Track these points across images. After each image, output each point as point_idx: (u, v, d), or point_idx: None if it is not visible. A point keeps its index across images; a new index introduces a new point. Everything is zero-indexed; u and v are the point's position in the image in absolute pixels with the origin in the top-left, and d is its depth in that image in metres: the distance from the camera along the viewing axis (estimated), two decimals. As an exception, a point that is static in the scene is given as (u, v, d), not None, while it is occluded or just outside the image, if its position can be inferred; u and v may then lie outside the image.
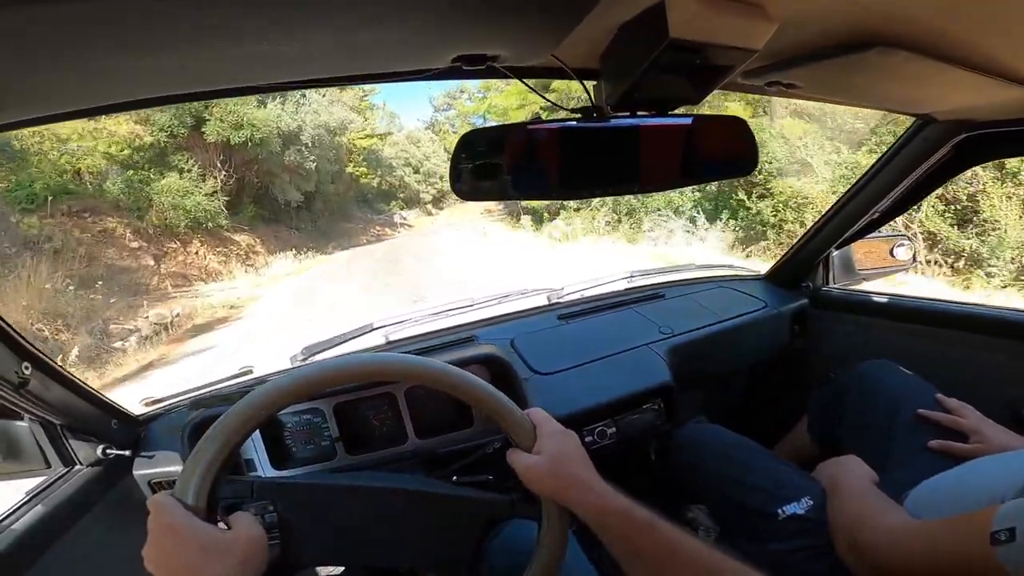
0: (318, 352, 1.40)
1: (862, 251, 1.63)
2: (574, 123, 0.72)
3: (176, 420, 1.14)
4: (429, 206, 38.19)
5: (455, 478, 1.12)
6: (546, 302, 1.68)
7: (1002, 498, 0.81)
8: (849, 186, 1.45)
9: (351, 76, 0.67)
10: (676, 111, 0.75)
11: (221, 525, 0.63)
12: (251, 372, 1.37)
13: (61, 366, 0.91)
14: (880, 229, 1.57)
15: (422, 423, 1.18)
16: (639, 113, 0.73)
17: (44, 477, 0.98)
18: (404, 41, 0.61)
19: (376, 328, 1.48)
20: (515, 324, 1.55)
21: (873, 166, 1.35)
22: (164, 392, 1.26)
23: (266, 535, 0.64)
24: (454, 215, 32.12)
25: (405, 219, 34.45)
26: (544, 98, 0.86)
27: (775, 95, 0.86)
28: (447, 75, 0.69)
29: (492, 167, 0.72)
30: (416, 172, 37.38)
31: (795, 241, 1.69)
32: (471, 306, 1.60)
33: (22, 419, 0.92)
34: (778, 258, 1.79)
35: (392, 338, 1.46)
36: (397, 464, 1.14)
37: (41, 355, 0.85)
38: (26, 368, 0.81)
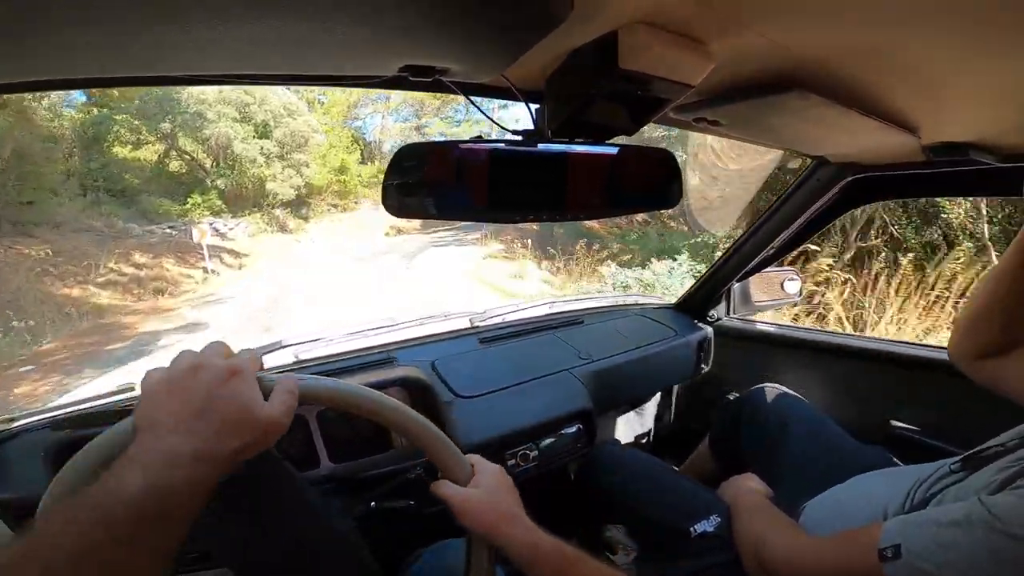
0: None
1: (758, 284, 1.79)
2: (506, 145, 0.72)
3: (31, 440, 1.00)
4: (287, 212, 18.30)
5: (373, 504, 1.08)
6: (468, 325, 1.66)
7: (885, 513, 0.90)
8: (751, 222, 1.59)
9: (293, 76, 0.64)
10: (610, 140, 0.78)
11: None
12: (133, 388, 1.21)
13: None
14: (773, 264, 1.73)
15: (335, 447, 1.13)
16: (576, 140, 0.75)
17: None
18: (350, 44, 0.59)
19: (285, 346, 1.40)
20: (436, 346, 1.53)
21: (773, 203, 1.49)
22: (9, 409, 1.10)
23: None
24: (354, 229, 18.79)
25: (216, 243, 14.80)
26: (488, 117, 0.87)
27: (700, 131, 0.93)
28: (392, 84, 0.68)
29: (422, 184, 0.70)
30: (261, 136, 17.42)
31: (703, 273, 1.82)
32: (391, 326, 1.55)
33: None
34: (687, 288, 1.91)
35: (303, 357, 1.38)
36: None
37: None
38: None
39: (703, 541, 1.04)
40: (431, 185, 0.71)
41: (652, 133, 7.50)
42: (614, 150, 0.79)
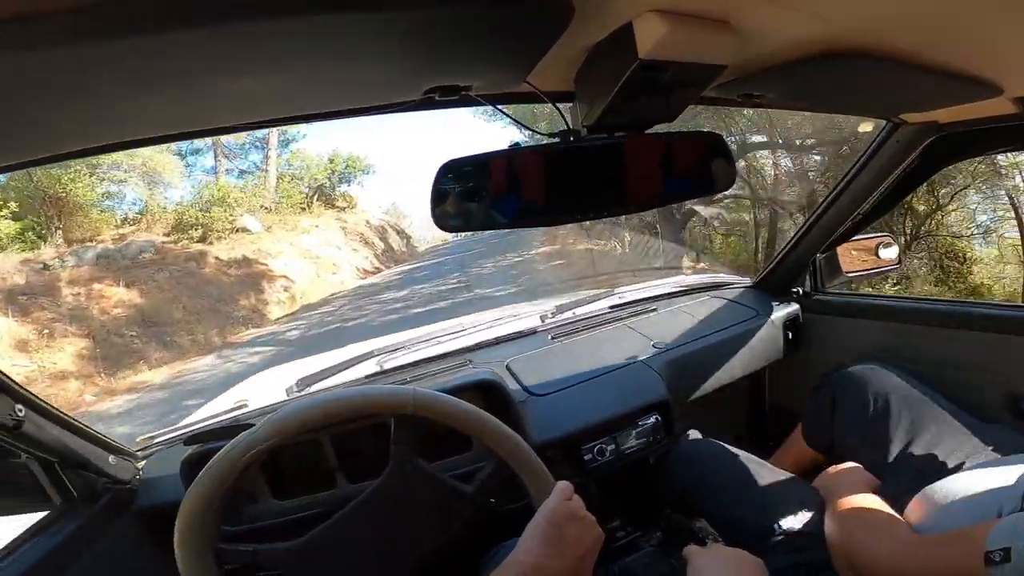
0: (313, 383, 1.40)
1: (848, 254, 1.65)
2: (555, 146, 0.72)
3: (174, 455, 1.14)
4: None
5: None
6: (539, 323, 1.67)
7: (1000, 510, 0.81)
8: (828, 190, 1.48)
9: (325, 113, 0.67)
10: (652, 130, 0.76)
11: None
12: (246, 405, 1.36)
13: (55, 407, 0.93)
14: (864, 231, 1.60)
15: (422, 448, 1.17)
16: (617, 134, 0.74)
17: (47, 512, 1.00)
18: (376, 75, 0.61)
19: (372, 356, 1.49)
20: (509, 346, 1.55)
21: (849, 170, 1.37)
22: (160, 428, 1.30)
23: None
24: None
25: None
26: (521, 124, 0.87)
27: (747, 107, 0.88)
28: (421, 107, 0.70)
29: (476, 196, 0.72)
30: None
31: (781, 247, 1.71)
32: (463, 331, 1.60)
33: (20, 457, 0.93)
34: (765, 265, 1.81)
35: (387, 366, 1.46)
36: None
37: (34, 397, 0.87)
38: (19, 410, 0.83)
39: (790, 539, 0.99)
40: (483, 196, 0.72)
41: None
42: (664, 138, 0.78)
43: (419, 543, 0.84)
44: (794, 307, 1.71)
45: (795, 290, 1.74)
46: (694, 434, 1.40)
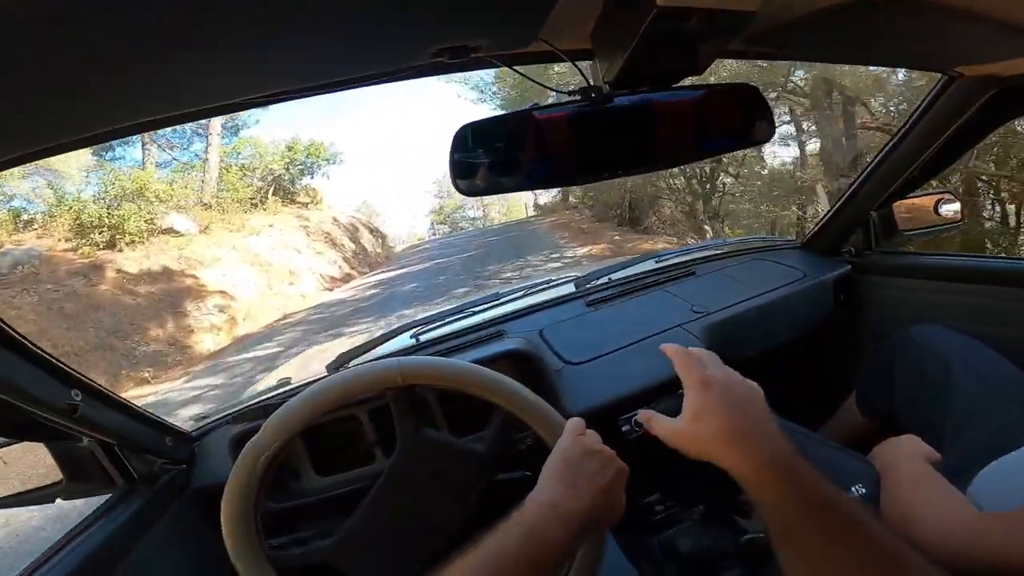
0: (353, 358, 1.42)
1: (905, 211, 1.54)
2: (576, 104, 0.69)
3: (225, 435, 1.19)
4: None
5: (498, 477, 1.11)
6: (573, 289, 1.65)
7: None
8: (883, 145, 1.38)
9: (330, 83, 0.66)
10: (682, 83, 0.72)
11: None
12: (289, 383, 1.42)
13: (110, 390, 0.96)
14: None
15: (454, 423, 1.18)
16: (641, 89, 0.70)
17: (108, 495, 1.06)
18: (379, 39, 0.59)
19: (408, 329, 1.51)
20: (543, 315, 1.53)
21: (904, 124, 1.27)
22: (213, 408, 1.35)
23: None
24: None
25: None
26: (539, 83, 0.83)
27: (783, 59, 0.82)
28: (431, 71, 0.67)
29: (496, 159, 0.70)
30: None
31: (831, 205, 1.61)
32: (497, 301, 1.59)
33: (81, 440, 0.97)
34: (814, 225, 1.71)
35: (423, 339, 1.47)
36: None
37: (89, 381, 0.89)
38: (76, 395, 0.86)
39: None
40: (503, 159, 0.71)
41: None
42: (696, 91, 0.74)
43: (446, 516, 0.85)
44: (845, 268, 1.62)
45: (846, 249, 1.65)
46: None
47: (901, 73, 6.73)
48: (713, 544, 1.04)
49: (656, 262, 1.74)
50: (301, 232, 15.22)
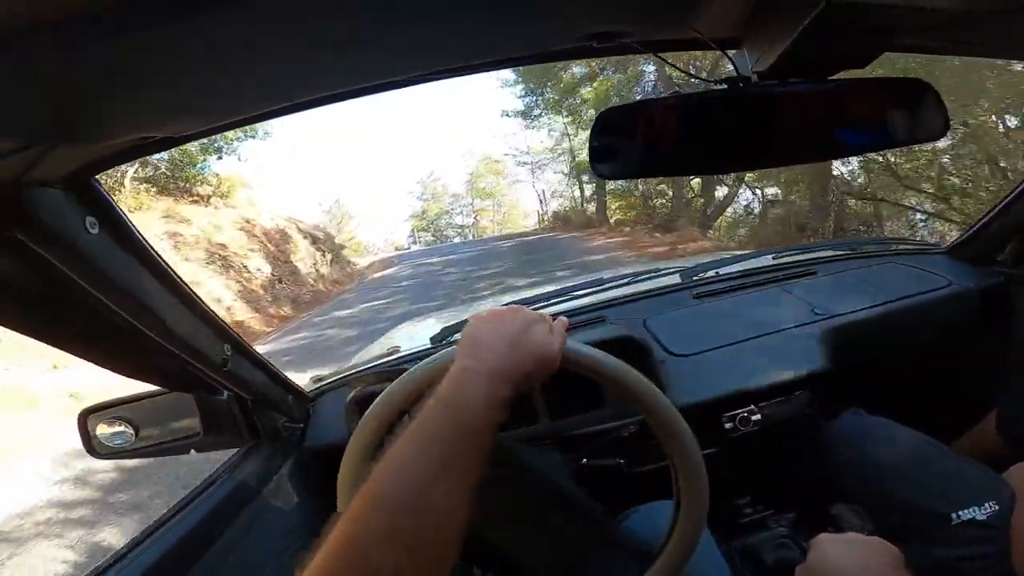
0: (456, 332, 1.47)
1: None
2: (722, 93, 0.69)
3: (339, 396, 1.27)
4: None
5: (584, 461, 1.15)
6: (679, 280, 1.62)
7: None
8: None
9: (483, 63, 0.69)
10: (837, 76, 0.69)
11: None
12: (398, 351, 1.52)
13: (253, 348, 1.05)
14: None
15: (554, 403, 1.20)
16: (792, 80, 0.68)
17: (236, 449, 1.16)
18: (533, 22, 0.61)
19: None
20: (647, 304, 1.53)
21: None
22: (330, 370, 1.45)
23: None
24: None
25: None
26: (682, 71, 0.82)
27: (958, 55, 0.74)
28: (576, 55, 0.69)
29: (635, 144, 0.71)
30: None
31: (987, 210, 1.45)
32: (600, 287, 1.60)
33: (222, 395, 1.08)
34: (964, 230, 1.54)
35: None
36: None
37: (239, 338, 0.98)
38: (227, 349, 0.94)
39: (966, 529, 0.91)
40: (642, 144, 0.72)
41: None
42: (847, 86, 0.71)
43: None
44: (999, 277, 1.47)
45: (1002, 258, 1.48)
46: (857, 411, 1.29)
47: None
48: (801, 558, 1.02)
49: (773, 258, 1.67)
50: (190, 244, 10.19)
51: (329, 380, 1.40)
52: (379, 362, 1.46)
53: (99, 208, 0.64)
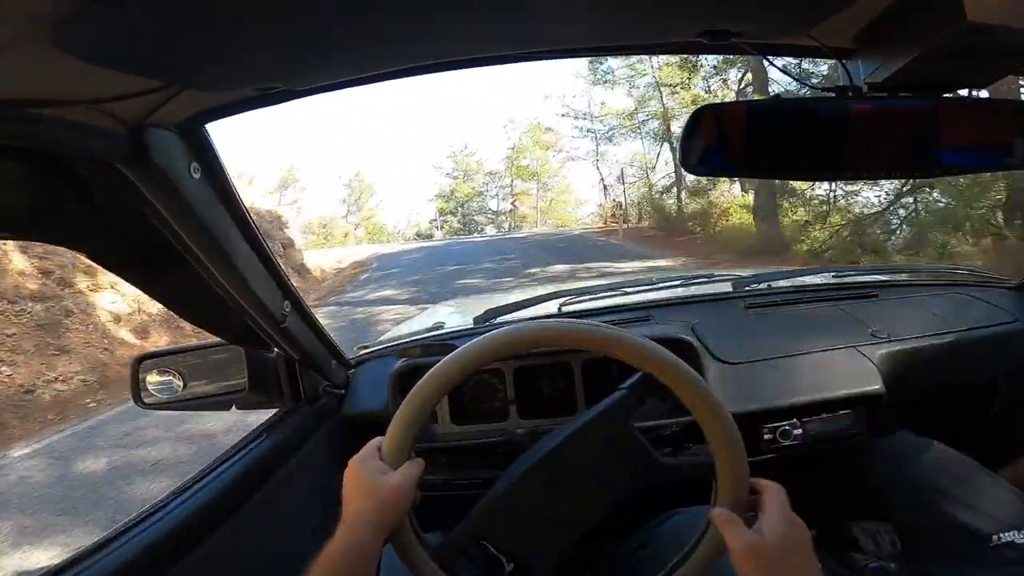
0: (499, 315, 1.49)
1: None
2: (827, 101, 0.69)
3: (380, 366, 1.30)
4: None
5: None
6: (730, 289, 1.62)
7: None
8: None
9: (595, 48, 0.70)
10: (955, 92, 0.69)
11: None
12: (443, 327, 1.54)
13: (309, 308, 1.06)
14: None
15: (593, 395, 1.21)
16: (903, 95, 0.68)
17: (276, 409, 1.18)
18: (652, 15, 0.62)
19: (557, 297, 1.56)
20: (696, 309, 1.53)
21: None
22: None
23: (413, 486, 0.73)
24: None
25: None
26: (791, 76, 0.82)
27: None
28: (687, 50, 0.69)
29: (730, 143, 0.71)
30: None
31: None
32: (651, 286, 1.61)
33: (271, 352, 1.11)
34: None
35: (565, 309, 1.52)
36: None
37: (298, 296, 1.00)
38: (287, 306, 0.96)
39: (1005, 551, 0.93)
40: (738, 144, 0.71)
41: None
42: (966, 103, 0.71)
43: (591, 504, 0.81)
44: None
45: None
46: (906, 433, 1.29)
47: None
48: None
49: (834, 276, 1.67)
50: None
51: (373, 348, 1.43)
52: (424, 335, 1.49)
53: (204, 155, 0.66)
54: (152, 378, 1.14)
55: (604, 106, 23.04)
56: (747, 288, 1.59)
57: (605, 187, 26.18)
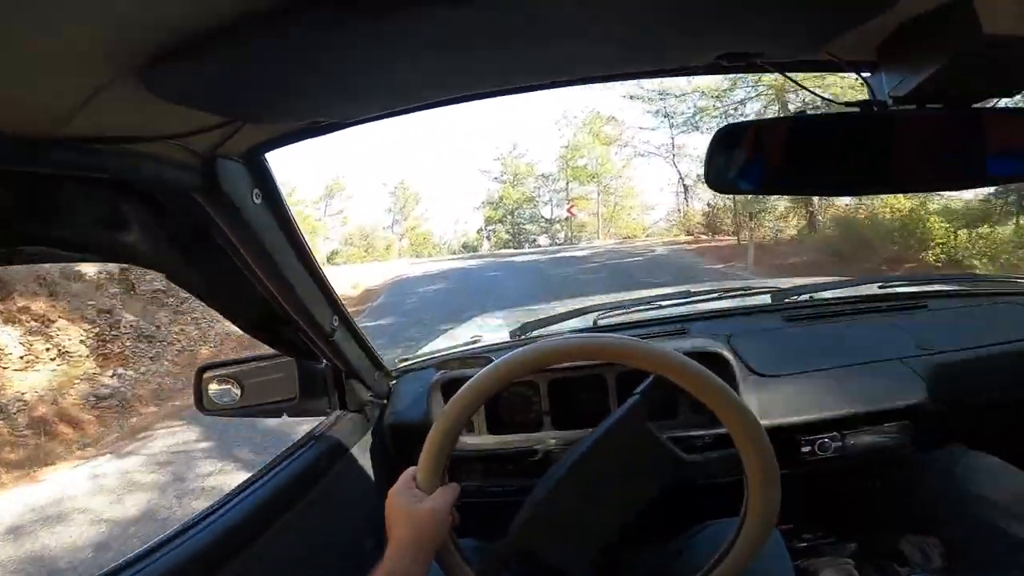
0: (533, 329, 1.54)
1: None
2: (853, 115, 0.70)
3: (420, 378, 1.36)
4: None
5: None
6: (768, 301, 1.61)
7: None
8: None
9: (613, 75, 0.74)
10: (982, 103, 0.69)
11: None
12: (480, 340, 1.59)
13: (356, 323, 1.14)
14: None
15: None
16: (930, 107, 0.69)
17: (322, 418, 1.25)
18: (669, 40, 0.65)
19: (591, 311, 1.59)
20: (734, 321, 1.53)
21: None
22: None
23: (448, 510, 0.77)
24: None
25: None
26: (814, 93, 0.83)
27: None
28: (707, 71, 0.72)
29: (753, 161, 0.72)
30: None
31: None
32: (687, 299, 1.62)
33: (321, 363, 1.18)
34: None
35: (601, 323, 1.55)
36: None
37: (345, 312, 1.07)
38: (335, 320, 1.04)
39: None
40: (761, 161, 0.73)
41: None
42: (993, 114, 0.71)
43: (618, 508, 0.84)
44: None
45: None
46: (956, 446, 1.26)
47: None
48: None
49: (880, 287, 1.64)
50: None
51: (413, 361, 1.49)
52: (463, 348, 1.54)
53: (264, 182, 0.74)
54: (213, 387, 1.22)
55: (691, 82, 17.34)
56: (787, 300, 1.59)
57: (686, 188, 22.22)
